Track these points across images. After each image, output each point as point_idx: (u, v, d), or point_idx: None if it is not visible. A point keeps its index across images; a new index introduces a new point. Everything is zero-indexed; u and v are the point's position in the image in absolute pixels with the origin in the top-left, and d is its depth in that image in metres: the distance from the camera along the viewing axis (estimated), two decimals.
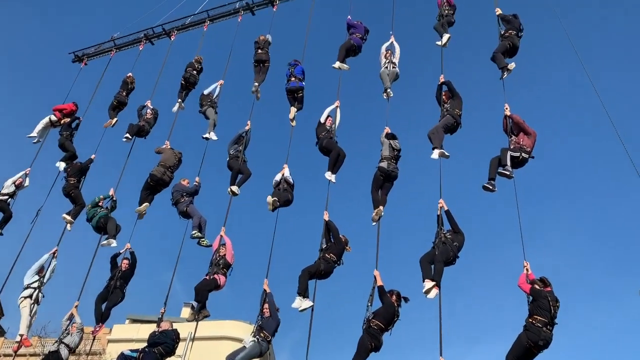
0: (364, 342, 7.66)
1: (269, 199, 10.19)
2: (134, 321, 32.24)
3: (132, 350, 9.05)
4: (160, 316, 10.14)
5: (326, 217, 9.49)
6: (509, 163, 8.91)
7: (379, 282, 8.17)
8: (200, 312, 9.62)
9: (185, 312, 34.74)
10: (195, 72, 14.45)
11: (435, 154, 9.50)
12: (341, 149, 10.60)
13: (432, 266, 8.16)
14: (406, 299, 8.11)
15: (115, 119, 14.60)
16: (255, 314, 9.03)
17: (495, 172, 8.98)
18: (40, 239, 12.84)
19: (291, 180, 10.63)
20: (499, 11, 11.51)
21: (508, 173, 8.86)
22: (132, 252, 11.22)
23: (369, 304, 8.16)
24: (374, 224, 9.41)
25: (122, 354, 9.08)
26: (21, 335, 10.73)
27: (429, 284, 7.92)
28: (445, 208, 8.78)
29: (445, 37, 11.51)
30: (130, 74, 15.40)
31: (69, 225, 12.52)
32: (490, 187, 8.94)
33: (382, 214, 9.47)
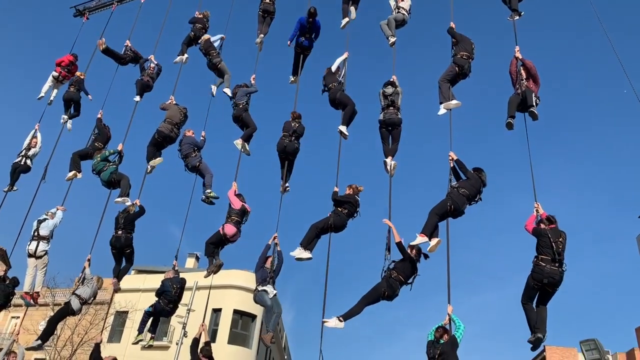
0: (379, 288, 7.79)
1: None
2: (140, 272, 33.00)
3: (150, 306, 10.05)
4: (173, 266, 10.66)
5: (336, 189, 9.34)
6: (535, 103, 9.00)
7: (397, 238, 7.98)
8: (210, 266, 9.75)
9: (190, 262, 35.56)
10: (204, 30, 14.03)
11: (441, 110, 9.55)
12: (354, 103, 10.51)
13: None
14: (426, 256, 8.10)
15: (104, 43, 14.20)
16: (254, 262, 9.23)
17: (515, 110, 9.04)
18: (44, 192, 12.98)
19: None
20: None
21: (536, 113, 8.98)
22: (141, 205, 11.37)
23: (388, 253, 8.20)
24: (390, 175, 9.48)
25: (144, 311, 10.11)
26: (37, 293, 10.96)
27: (433, 241, 8.09)
28: (455, 158, 8.76)
29: None
30: (129, 42, 14.64)
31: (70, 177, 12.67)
32: (512, 124, 8.98)
33: (393, 163, 9.51)
